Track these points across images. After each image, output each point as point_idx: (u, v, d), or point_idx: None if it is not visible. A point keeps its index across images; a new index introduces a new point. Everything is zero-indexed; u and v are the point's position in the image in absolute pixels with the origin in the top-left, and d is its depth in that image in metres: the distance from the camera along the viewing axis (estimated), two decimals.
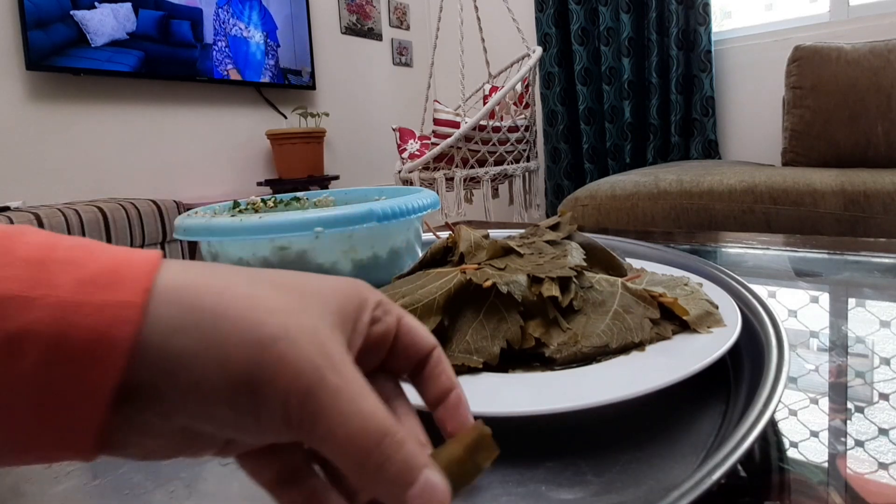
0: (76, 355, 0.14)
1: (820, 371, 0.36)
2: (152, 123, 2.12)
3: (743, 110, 2.39)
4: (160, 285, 0.16)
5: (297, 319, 0.17)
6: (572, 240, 0.42)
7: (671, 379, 0.28)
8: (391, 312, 0.21)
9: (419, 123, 2.38)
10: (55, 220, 1.40)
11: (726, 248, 0.77)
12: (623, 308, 0.34)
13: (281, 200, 0.61)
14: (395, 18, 3.13)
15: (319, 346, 0.17)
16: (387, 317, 0.21)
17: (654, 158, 2.45)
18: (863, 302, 0.51)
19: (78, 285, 0.15)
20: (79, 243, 0.16)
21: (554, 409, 0.26)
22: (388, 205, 0.45)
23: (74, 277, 0.15)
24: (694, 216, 1.35)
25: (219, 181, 2.34)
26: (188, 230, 0.46)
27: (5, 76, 1.75)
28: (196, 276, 0.17)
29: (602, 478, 0.25)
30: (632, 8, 2.43)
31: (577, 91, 2.61)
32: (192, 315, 0.16)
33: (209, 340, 0.16)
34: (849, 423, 0.30)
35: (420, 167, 1.91)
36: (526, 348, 0.33)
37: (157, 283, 0.16)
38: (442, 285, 0.34)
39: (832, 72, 1.64)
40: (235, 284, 0.17)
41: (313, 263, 0.46)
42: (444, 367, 0.22)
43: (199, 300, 0.16)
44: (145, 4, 1.99)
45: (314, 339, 0.17)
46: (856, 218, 1.20)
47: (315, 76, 2.62)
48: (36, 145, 1.83)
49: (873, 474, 0.25)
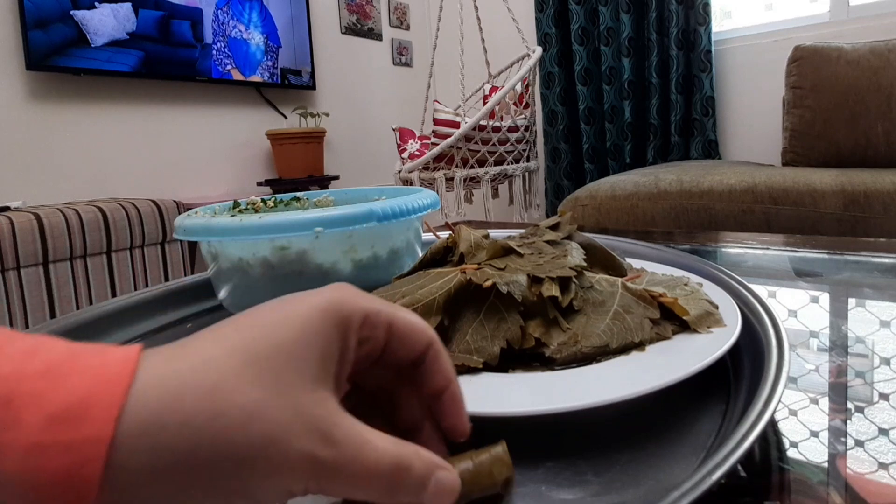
0: (47, 499, 0.14)
1: (820, 371, 0.36)
2: (152, 123, 2.12)
3: (743, 110, 2.39)
4: (130, 409, 0.15)
5: (277, 413, 0.17)
6: (572, 240, 0.42)
7: (671, 379, 0.28)
8: (379, 325, 0.21)
9: (419, 123, 2.38)
10: (55, 220, 1.40)
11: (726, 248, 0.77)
12: (623, 308, 0.34)
13: (281, 200, 0.61)
14: (395, 18, 3.13)
15: (306, 426, 0.17)
16: (375, 331, 0.21)
17: (654, 158, 2.45)
18: (863, 302, 0.51)
19: (45, 424, 0.14)
20: (46, 367, 0.15)
21: (554, 409, 0.26)
22: (388, 205, 0.45)
23: (42, 415, 0.15)
24: (694, 216, 1.35)
25: (219, 181, 2.34)
26: (188, 230, 0.46)
27: (5, 76, 1.75)
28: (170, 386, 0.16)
29: (602, 478, 0.25)
30: (632, 8, 2.43)
31: (577, 91, 2.61)
32: (168, 438, 0.15)
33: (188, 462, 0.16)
34: (849, 423, 0.30)
35: (420, 167, 1.91)
36: (526, 348, 0.33)
37: (128, 405, 0.15)
38: (442, 285, 0.34)
39: (832, 72, 1.64)
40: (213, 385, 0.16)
41: (313, 263, 0.46)
42: (441, 363, 0.23)
43: (173, 418, 0.16)
44: (145, 4, 1.99)
45: (297, 420, 0.17)
46: (856, 218, 1.20)
47: (315, 76, 2.62)
48: (36, 145, 1.83)
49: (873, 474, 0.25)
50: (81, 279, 1.48)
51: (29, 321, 1.38)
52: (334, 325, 0.19)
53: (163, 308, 0.55)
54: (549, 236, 0.42)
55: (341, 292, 0.20)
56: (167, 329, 0.53)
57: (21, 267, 1.36)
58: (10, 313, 1.36)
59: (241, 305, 0.48)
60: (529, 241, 0.41)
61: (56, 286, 1.43)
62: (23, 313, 1.38)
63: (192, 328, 0.54)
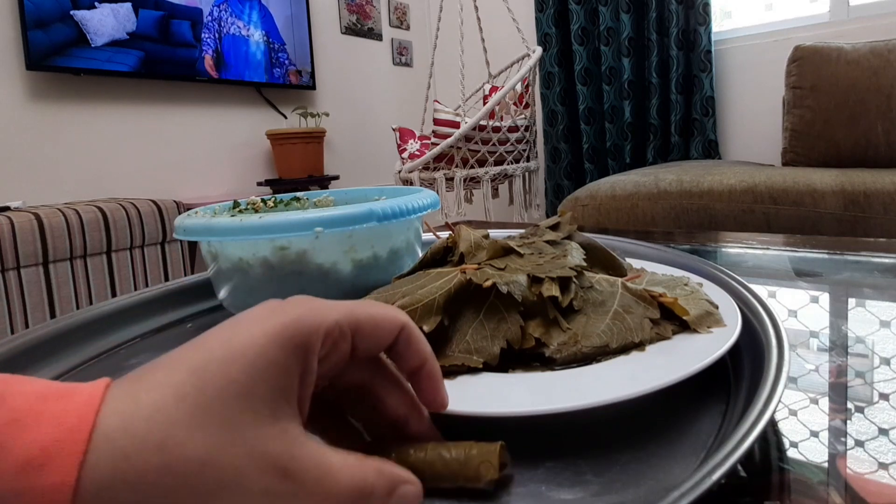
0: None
1: (820, 371, 0.36)
2: (152, 123, 2.12)
3: (743, 110, 2.39)
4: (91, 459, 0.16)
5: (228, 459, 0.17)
6: (572, 240, 0.42)
7: (671, 379, 0.28)
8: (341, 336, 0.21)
9: (419, 123, 2.38)
10: (55, 220, 1.40)
11: (726, 248, 0.77)
12: (623, 308, 0.34)
13: (281, 200, 0.61)
14: (395, 18, 3.13)
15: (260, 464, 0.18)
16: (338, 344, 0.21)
17: (654, 158, 2.45)
18: (863, 302, 0.51)
19: (12, 474, 0.15)
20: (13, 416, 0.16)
21: (554, 409, 0.26)
22: (388, 205, 0.45)
23: (6, 466, 0.15)
24: (694, 216, 1.35)
25: (219, 181, 2.34)
26: (188, 230, 0.46)
27: (5, 76, 1.75)
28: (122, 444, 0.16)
29: (602, 478, 0.25)
30: (632, 8, 2.43)
31: (577, 91, 2.61)
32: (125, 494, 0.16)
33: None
34: (849, 423, 0.30)
35: (420, 167, 1.91)
36: (526, 348, 0.33)
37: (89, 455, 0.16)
38: (442, 285, 0.34)
39: (832, 72, 1.64)
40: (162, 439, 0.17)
41: (313, 263, 0.46)
42: (413, 343, 0.23)
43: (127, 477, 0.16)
44: (145, 4, 1.99)
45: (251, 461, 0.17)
46: (856, 218, 1.20)
47: (315, 76, 2.62)
48: (36, 145, 1.83)
49: (873, 474, 0.25)
50: (81, 279, 1.48)
51: (29, 321, 1.38)
52: (292, 352, 0.19)
53: (163, 308, 0.55)
54: (549, 236, 0.42)
55: (299, 311, 0.20)
56: (167, 329, 0.53)
57: (21, 267, 1.36)
58: (10, 313, 1.36)
59: (241, 305, 0.48)
60: (529, 241, 0.41)
61: (56, 286, 1.43)
62: (23, 313, 1.38)
63: (192, 328, 0.54)
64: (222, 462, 0.17)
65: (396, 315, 0.23)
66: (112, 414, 0.17)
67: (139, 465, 0.16)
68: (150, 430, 0.17)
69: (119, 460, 0.16)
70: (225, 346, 0.19)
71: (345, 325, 0.21)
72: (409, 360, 0.23)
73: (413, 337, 0.23)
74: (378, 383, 0.24)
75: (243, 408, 0.18)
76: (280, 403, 0.19)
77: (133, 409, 0.17)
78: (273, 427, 0.18)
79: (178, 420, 0.17)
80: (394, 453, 0.23)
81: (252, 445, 0.18)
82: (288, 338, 0.19)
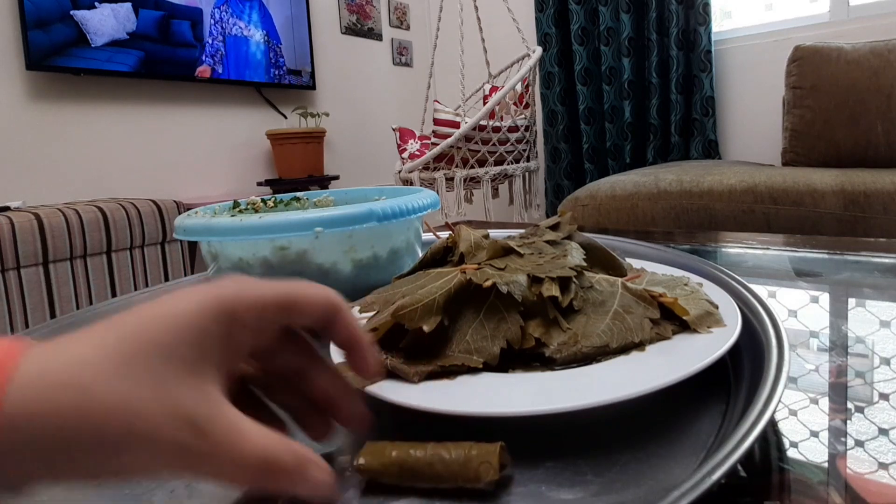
0: None
1: (820, 371, 0.36)
2: (152, 123, 2.12)
3: (743, 110, 2.39)
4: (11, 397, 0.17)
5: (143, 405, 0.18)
6: (572, 240, 0.42)
7: (671, 379, 0.28)
8: (267, 311, 0.22)
9: (419, 123, 2.38)
10: (55, 220, 1.40)
11: (726, 248, 0.77)
12: (623, 308, 0.34)
13: (281, 200, 0.61)
14: (395, 18, 3.13)
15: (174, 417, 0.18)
16: (264, 318, 0.22)
17: (654, 158, 2.45)
18: (863, 302, 0.51)
19: None
20: None
21: (554, 409, 0.26)
22: (388, 205, 0.45)
23: None
24: (694, 216, 1.35)
25: (219, 181, 2.34)
26: (188, 230, 0.46)
27: (5, 76, 1.75)
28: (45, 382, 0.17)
29: (602, 478, 0.25)
30: (632, 8, 2.43)
31: (577, 91, 2.61)
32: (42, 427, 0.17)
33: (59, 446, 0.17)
34: (849, 423, 0.30)
35: (420, 167, 1.91)
36: (526, 348, 0.33)
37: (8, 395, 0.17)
38: (442, 285, 0.34)
39: (832, 72, 1.64)
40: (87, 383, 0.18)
41: (313, 263, 0.46)
42: (342, 320, 0.24)
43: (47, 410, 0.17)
44: (145, 4, 1.99)
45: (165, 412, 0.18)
46: (856, 218, 1.20)
47: (315, 76, 2.62)
48: (36, 145, 1.83)
49: (873, 474, 0.25)
50: (81, 279, 1.48)
51: (29, 321, 1.38)
52: (213, 319, 0.20)
53: None
54: (549, 236, 0.42)
55: (225, 288, 0.21)
56: None
57: (21, 267, 1.36)
58: (10, 313, 1.36)
59: None
60: (529, 241, 0.41)
61: (56, 286, 1.43)
62: (23, 313, 1.38)
63: None
64: (139, 411, 0.18)
65: (328, 295, 0.24)
66: (34, 361, 0.17)
67: (58, 406, 0.17)
68: (72, 375, 0.18)
69: (40, 401, 0.17)
70: (149, 311, 0.20)
71: (271, 298, 0.22)
72: (340, 333, 0.25)
73: (343, 314, 0.24)
74: (309, 366, 0.25)
75: (164, 365, 0.19)
76: (201, 365, 0.20)
77: (54, 357, 0.18)
78: (193, 388, 0.19)
79: (99, 369, 0.18)
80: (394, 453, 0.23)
81: (170, 400, 0.18)
82: (211, 307, 0.20)
